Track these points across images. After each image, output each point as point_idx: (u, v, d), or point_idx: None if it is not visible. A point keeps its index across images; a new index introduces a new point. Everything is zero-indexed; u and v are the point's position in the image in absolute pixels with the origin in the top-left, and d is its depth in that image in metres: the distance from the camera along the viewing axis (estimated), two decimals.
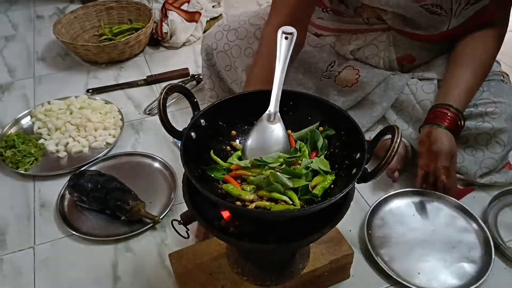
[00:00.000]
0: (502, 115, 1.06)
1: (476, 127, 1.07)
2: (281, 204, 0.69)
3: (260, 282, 0.85)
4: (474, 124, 1.07)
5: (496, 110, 1.06)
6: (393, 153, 0.64)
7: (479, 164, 1.11)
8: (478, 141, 1.09)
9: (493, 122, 1.06)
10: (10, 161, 1.23)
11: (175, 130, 0.73)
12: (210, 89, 1.34)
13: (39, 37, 1.90)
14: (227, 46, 1.21)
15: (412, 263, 0.98)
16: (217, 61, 1.25)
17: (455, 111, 1.02)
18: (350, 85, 1.20)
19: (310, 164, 0.72)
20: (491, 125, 1.06)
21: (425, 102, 1.12)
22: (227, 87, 1.31)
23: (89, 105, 1.41)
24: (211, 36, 1.24)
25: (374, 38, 1.13)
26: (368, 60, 1.17)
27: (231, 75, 1.25)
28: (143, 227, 1.07)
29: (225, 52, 1.22)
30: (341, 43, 1.18)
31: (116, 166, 1.25)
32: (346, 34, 1.16)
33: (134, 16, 1.87)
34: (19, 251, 1.05)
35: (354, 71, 1.19)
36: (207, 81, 1.32)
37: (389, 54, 1.15)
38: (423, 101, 1.12)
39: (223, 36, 1.22)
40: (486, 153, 1.10)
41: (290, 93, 0.81)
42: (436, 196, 1.10)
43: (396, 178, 1.12)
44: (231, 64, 1.22)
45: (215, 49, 1.23)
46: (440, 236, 1.03)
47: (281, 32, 0.79)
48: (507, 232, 1.06)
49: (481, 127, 1.07)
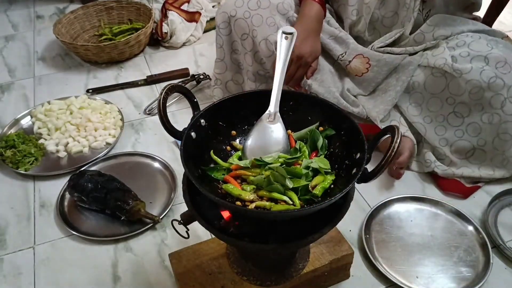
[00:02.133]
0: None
1: (488, 85, 1.06)
2: (281, 204, 0.69)
3: (260, 282, 0.85)
4: (487, 82, 1.06)
5: (506, 65, 1.06)
6: (393, 153, 0.64)
7: (496, 131, 1.10)
8: (493, 105, 1.08)
9: (505, 77, 1.06)
10: (10, 161, 1.23)
11: (175, 130, 0.73)
12: (219, 60, 1.30)
13: (39, 37, 1.90)
14: (248, 14, 1.18)
15: (410, 267, 0.98)
16: (234, 29, 1.22)
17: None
18: (360, 75, 1.22)
19: (310, 164, 0.72)
20: (503, 82, 1.05)
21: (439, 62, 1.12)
22: (236, 60, 1.29)
23: (89, 105, 1.41)
24: (230, 3, 1.21)
25: None
26: None
27: (246, 45, 1.22)
28: (143, 227, 1.07)
29: (245, 20, 1.18)
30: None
31: (116, 166, 1.25)
32: None
33: (134, 16, 1.87)
34: (19, 251, 1.05)
35: (365, 59, 1.21)
36: (218, 50, 1.29)
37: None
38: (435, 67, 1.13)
39: (243, 3, 1.19)
40: (503, 117, 1.08)
41: (290, 93, 0.81)
42: (434, 202, 1.11)
43: (401, 175, 1.13)
44: (249, 32, 1.19)
45: (234, 16, 1.19)
46: (438, 241, 1.03)
47: (281, 32, 0.80)
48: (507, 232, 1.06)
49: (493, 85, 1.06)
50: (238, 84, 1.34)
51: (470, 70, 1.07)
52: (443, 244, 1.02)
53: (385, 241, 1.03)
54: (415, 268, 0.97)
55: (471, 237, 1.04)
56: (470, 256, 1.00)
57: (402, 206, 1.11)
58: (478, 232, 1.04)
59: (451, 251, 1.01)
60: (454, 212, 1.08)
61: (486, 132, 1.11)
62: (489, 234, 1.03)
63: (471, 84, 1.07)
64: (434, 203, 1.11)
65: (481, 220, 1.08)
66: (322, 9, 1.17)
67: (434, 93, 1.15)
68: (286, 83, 1.20)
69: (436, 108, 1.16)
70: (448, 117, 1.15)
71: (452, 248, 1.01)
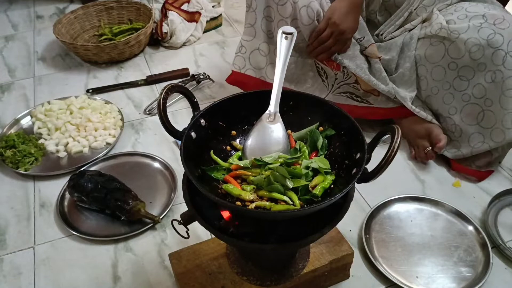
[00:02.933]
0: (510, 26, 1.06)
1: (487, 42, 1.06)
2: (281, 204, 0.69)
3: (260, 282, 0.85)
4: (485, 39, 1.06)
5: (504, 21, 1.06)
6: (393, 153, 0.64)
7: (500, 89, 1.10)
8: (494, 61, 1.08)
9: (503, 33, 1.06)
10: (10, 161, 1.23)
11: (175, 130, 0.73)
12: (249, 25, 1.24)
13: (39, 37, 1.90)
14: None
15: (410, 267, 0.98)
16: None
17: None
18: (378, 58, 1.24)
19: (310, 164, 0.72)
20: (502, 37, 1.05)
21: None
22: (267, 28, 1.23)
23: (89, 105, 1.41)
24: None
25: None
26: None
27: (283, 11, 1.16)
28: (143, 227, 1.07)
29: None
30: None
31: (116, 166, 1.25)
32: None
33: (134, 16, 1.87)
34: (19, 251, 1.05)
35: (376, 50, 1.23)
36: (249, 14, 1.22)
37: None
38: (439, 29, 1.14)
39: None
40: (505, 73, 1.08)
41: (290, 93, 0.81)
42: (434, 203, 1.11)
43: (434, 157, 1.18)
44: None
45: None
46: (438, 241, 1.03)
47: (281, 32, 0.79)
48: (507, 232, 1.06)
49: (493, 41, 1.06)
50: (263, 56, 1.27)
51: (467, 29, 1.08)
52: (443, 244, 1.02)
53: (385, 241, 1.03)
54: (415, 268, 0.97)
55: (471, 237, 1.04)
56: (470, 256, 1.00)
57: (402, 206, 1.11)
58: (478, 232, 1.04)
59: (451, 251, 1.01)
60: (454, 212, 1.08)
61: (491, 91, 1.11)
62: (489, 234, 1.03)
63: (469, 44, 1.08)
64: (434, 203, 1.11)
65: (481, 220, 1.08)
66: None
67: (435, 62, 1.16)
68: (316, 56, 1.21)
69: (440, 77, 1.17)
70: (453, 82, 1.16)
71: (452, 248, 1.01)
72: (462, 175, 1.21)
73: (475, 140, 1.17)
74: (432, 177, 1.21)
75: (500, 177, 1.21)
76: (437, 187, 1.18)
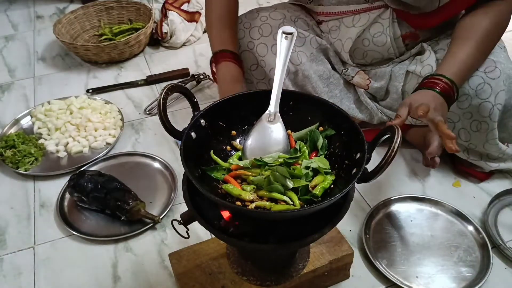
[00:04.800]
0: (501, 76, 1.01)
1: (476, 92, 1.01)
2: (281, 204, 0.69)
3: (260, 282, 0.85)
4: (474, 89, 1.01)
5: (496, 70, 1.01)
6: (393, 153, 0.64)
7: (485, 138, 1.08)
8: (481, 113, 1.04)
9: (492, 83, 1.01)
10: (10, 161, 1.23)
11: (175, 130, 0.73)
12: None
13: (39, 37, 1.90)
14: (252, 45, 1.16)
15: (410, 267, 0.98)
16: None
17: (447, 81, 0.94)
18: (366, 88, 1.22)
19: (310, 164, 0.72)
20: (490, 88, 1.01)
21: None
22: (250, 89, 1.25)
23: (89, 105, 1.41)
24: None
25: (377, 16, 1.12)
26: (375, 40, 1.14)
27: (257, 75, 1.20)
28: (143, 227, 1.07)
29: (250, 51, 1.17)
30: (345, 26, 1.16)
31: (116, 166, 1.25)
32: (349, 16, 1.15)
33: (134, 16, 1.87)
34: (19, 251, 1.05)
35: (365, 76, 1.21)
36: None
37: (394, 31, 1.13)
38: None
39: (245, 34, 1.17)
40: (490, 125, 1.05)
41: (290, 93, 0.81)
42: (434, 203, 1.11)
43: (437, 163, 1.11)
44: (257, 62, 1.18)
45: (238, 49, 1.17)
46: (438, 241, 1.03)
47: (281, 32, 0.79)
48: (507, 232, 1.06)
49: (480, 91, 1.01)
50: None
51: None
52: (443, 244, 1.02)
53: (385, 241, 1.03)
54: (415, 268, 0.97)
55: (471, 237, 1.04)
56: (470, 256, 1.00)
57: (402, 206, 1.11)
58: (478, 232, 1.04)
59: (451, 251, 1.01)
60: (454, 212, 1.08)
61: (476, 137, 1.09)
62: (489, 234, 1.03)
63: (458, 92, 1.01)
64: (434, 203, 1.11)
65: (481, 220, 1.08)
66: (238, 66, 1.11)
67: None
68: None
69: None
70: None
71: (452, 248, 1.01)
72: (462, 175, 1.21)
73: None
74: (432, 177, 1.21)
75: (500, 177, 1.21)
76: (437, 187, 1.18)
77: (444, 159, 1.24)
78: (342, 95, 1.24)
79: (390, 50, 1.16)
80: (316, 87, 1.19)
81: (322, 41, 1.20)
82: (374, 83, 1.21)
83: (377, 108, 1.22)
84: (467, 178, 1.20)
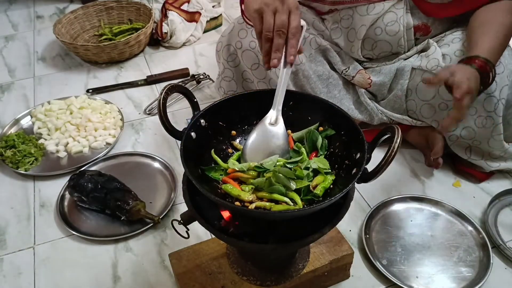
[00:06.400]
0: (505, 71, 1.03)
1: None
2: (281, 204, 0.69)
3: (260, 282, 0.85)
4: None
5: (500, 65, 1.02)
6: (393, 153, 0.64)
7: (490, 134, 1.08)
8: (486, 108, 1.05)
9: (497, 78, 1.01)
10: (10, 161, 1.23)
11: (175, 130, 0.73)
12: (232, 91, 1.29)
13: (39, 37, 1.90)
14: (254, 44, 1.16)
15: (410, 267, 0.98)
16: (242, 61, 1.21)
17: (483, 59, 0.94)
18: (368, 87, 1.22)
19: (310, 164, 0.72)
20: (495, 83, 1.01)
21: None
22: (249, 87, 1.27)
23: (89, 105, 1.41)
24: (234, 35, 1.19)
25: (392, 5, 1.11)
26: (388, 28, 1.13)
27: (257, 74, 1.20)
28: (143, 227, 1.07)
29: (252, 50, 1.17)
30: (359, 15, 1.14)
31: (116, 166, 1.25)
32: (363, 5, 1.13)
33: (134, 16, 1.87)
34: (19, 251, 1.05)
35: (366, 75, 1.21)
36: (227, 83, 1.28)
37: (407, 20, 1.12)
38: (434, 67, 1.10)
39: (247, 34, 1.17)
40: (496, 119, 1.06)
41: (290, 93, 0.80)
42: (434, 203, 1.11)
43: (440, 164, 1.13)
44: (258, 62, 1.18)
45: (240, 48, 1.18)
46: (438, 241, 1.03)
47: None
48: (507, 232, 1.06)
49: None
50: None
51: None
52: (443, 244, 1.02)
53: (385, 241, 1.03)
54: (415, 268, 0.97)
55: (471, 237, 1.04)
56: (470, 256, 1.00)
57: (402, 206, 1.11)
58: (478, 232, 1.04)
59: (451, 251, 1.01)
60: (454, 212, 1.08)
61: (480, 135, 1.10)
62: (489, 234, 1.03)
63: None
64: (434, 203, 1.11)
65: (481, 220, 1.08)
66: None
67: (425, 100, 1.13)
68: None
69: (429, 114, 1.15)
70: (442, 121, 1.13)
71: (452, 248, 1.01)
72: (463, 175, 1.21)
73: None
74: (432, 177, 1.21)
75: (500, 177, 1.21)
76: (437, 187, 1.18)
77: (445, 159, 1.24)
78: (341, 95, 1.24)
79: (400, 42, 1.15)
80: (315, 88, 1.19)
81: (322, 41, 1.20)
82: (377, 80, 1.20)
83: (377, 109, 1.22)
84: (467, 178, 1.20)
